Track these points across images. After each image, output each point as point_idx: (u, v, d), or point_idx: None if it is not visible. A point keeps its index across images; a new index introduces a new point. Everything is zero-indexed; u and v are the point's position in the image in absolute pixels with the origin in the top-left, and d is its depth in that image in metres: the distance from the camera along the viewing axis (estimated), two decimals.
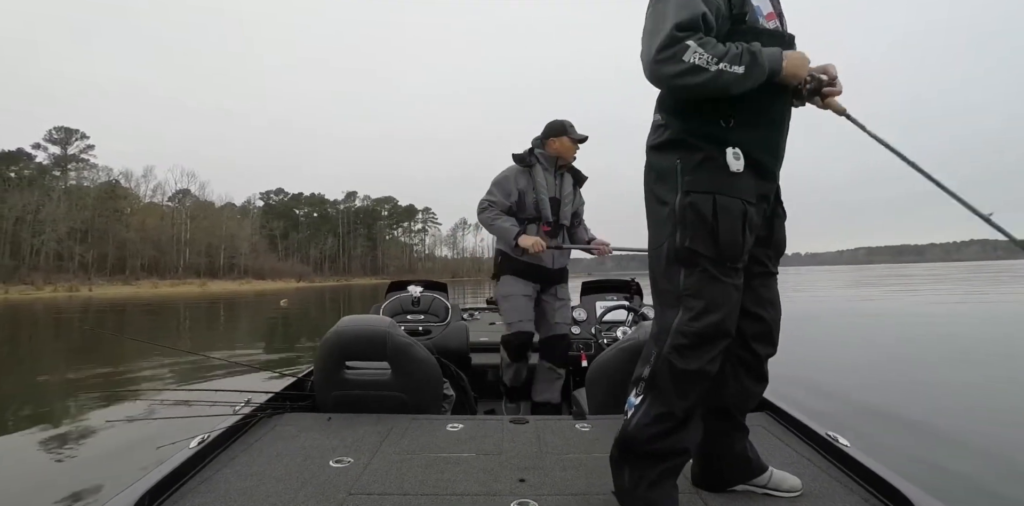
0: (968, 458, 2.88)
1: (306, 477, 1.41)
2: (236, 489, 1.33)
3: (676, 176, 1.21)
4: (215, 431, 1.62)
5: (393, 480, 1.40)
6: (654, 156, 1.28)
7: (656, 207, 1.26)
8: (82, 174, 57.96)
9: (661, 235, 1.24)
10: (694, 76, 1.11)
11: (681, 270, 1.20)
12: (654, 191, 1.27)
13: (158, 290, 43.54)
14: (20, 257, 45.29)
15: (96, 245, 49.96)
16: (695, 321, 1.17)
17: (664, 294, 1.24)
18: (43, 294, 36.36)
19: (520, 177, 2.71)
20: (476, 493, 1.33)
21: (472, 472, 1.46)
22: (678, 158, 1.22)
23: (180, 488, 1.33)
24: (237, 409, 1.86)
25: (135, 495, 1.18)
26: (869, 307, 13.67)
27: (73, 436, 3.44)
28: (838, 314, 11.64)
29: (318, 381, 2.07)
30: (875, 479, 1.31)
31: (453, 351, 2.73)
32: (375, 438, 1.71)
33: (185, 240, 59.68)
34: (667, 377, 1.18)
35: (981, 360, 5.86)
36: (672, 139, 1.24)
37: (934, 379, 4.95)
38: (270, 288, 48.03)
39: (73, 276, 45.08)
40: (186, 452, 1.45)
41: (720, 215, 1.17)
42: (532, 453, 1.60)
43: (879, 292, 20.01)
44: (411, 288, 3.12)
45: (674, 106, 1.26)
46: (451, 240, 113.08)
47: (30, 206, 47.11)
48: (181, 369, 5.91)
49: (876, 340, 7.71)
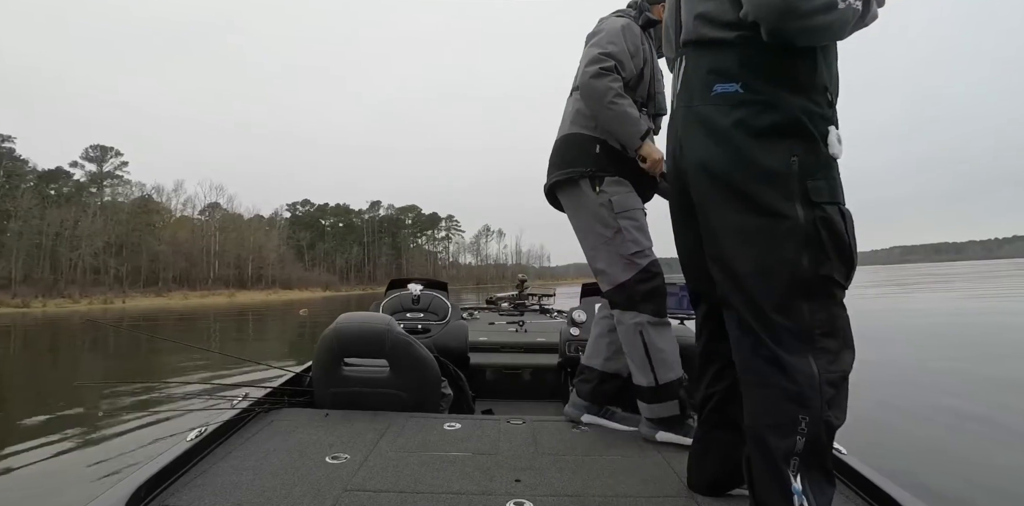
0: None
1: (302, 473, 1.40)
2: (232, 483, 1.33)
3: (792, 179, 0.96)
4: (212, 424, 1.62)
5: (389, 477, 1.39)
6: (754, 145, 0.97)
7: (751, 218, 0.97)
8: (116, 190, 59.88)
9: (769, 255, 0.96)
10: (827, 14, 0.88)
11: (806, 303, 0.97)
12: (751, 193, 0.97)
13: (188, 301, 44.60)
14: (59, 271, 46.92)
15: (130, 258, 51.49)
16: (836, 365, 0.97)
17: (781, 332, 0.96)
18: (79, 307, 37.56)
19: (644, 40, 1.84)
20: (472, 492, 1.32)
21: (468, 471, 1.44)
22: (794, 153, 0.96)
23: (176, 480, 1.32)
24: (235, 403, 1.87)
25: (131, 487, 1.18)
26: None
27: (71, 429, 3.50)
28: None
29: (316, 377, 2.07)
30: (870, 487, 1.29)
31: (452, 350, 2.70)
32: (372, 435, 1.70)
33: (215, 252, 61.10)
34: (826, 440, 0.97)
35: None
36: (781, 122, 0.96)
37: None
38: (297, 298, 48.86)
39: (108, 289, 46.46)
40: (183, 445, 1.45)
41: (851, 230, 0.97)
42: (528, 453, 1.59)
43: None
44: (411, 286, 3.11)
45: (773, 70, 0.98)
46: (474, 247, 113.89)
47: (68, 222, 48.83)
48: (181, 363, 6.00)
49: None
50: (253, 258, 63.80)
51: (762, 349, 0.98)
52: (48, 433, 3.68)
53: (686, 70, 1.09)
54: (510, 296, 6.60)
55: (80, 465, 3.06)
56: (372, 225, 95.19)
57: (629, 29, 1.80)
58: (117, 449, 3.19)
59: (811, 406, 0.94)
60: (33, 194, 49.54)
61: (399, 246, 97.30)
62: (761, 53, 0.97)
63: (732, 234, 1.00)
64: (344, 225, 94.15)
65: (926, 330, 8.73)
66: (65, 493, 2.57)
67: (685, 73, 1.09)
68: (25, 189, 49.83)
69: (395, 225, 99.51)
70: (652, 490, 1.35)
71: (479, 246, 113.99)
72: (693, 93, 1.05)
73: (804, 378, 0.95)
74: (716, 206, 1.01)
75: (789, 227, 0.95)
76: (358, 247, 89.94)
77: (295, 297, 50.85)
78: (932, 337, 7.84)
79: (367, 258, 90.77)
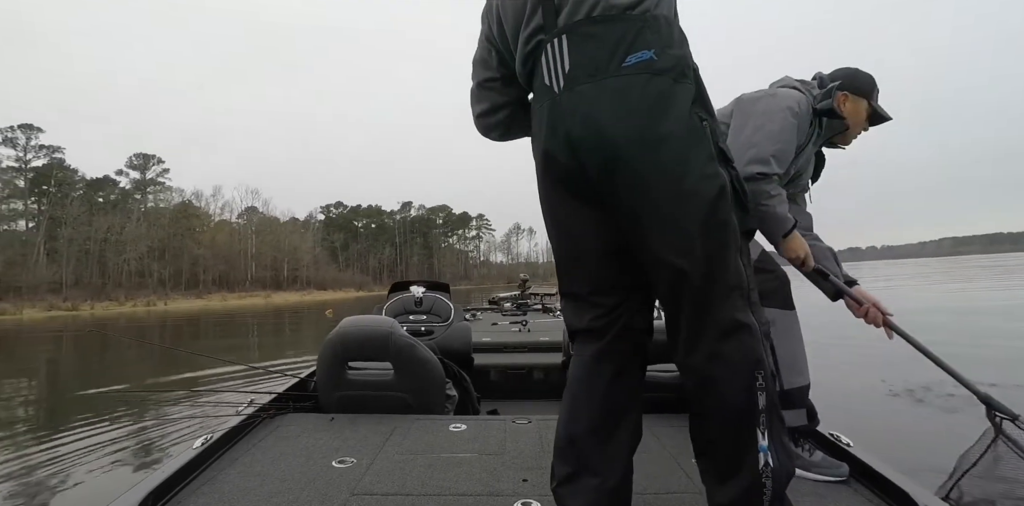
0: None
1: (309, 477, 1.41)
2: (239, 489, 1.34)
3: (709, 141, 1.01)
4: (218, 431, 1.64)
5: (396, 480, 1.40)
6: (676, 112, 0.98)
7: (690, 182, 0.97)
8: (158, 196, 62.03)
9: (712, 217, 0.97)
10: None
11: (742, 259, 1.02)
12: (687, 158, 0.97)
13: (227, 303, 45.80)
14: (106, 275, 48.92)
15: (172, 262, 53.29)
16: (761, 316, 1.05)
17: (731, 293, 0.99)
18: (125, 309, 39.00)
19: (802, 132, 1.60)
20: (479, 493, 1.32)
21: (475, 472, 1.45)
22: (703, 117, 1.02)
23: (184, 488, 1.34)
24: (240, 410, 1.89)
25: (139, 495, 1.20)
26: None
27: (73, 436, 3.52)
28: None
29: (321, 381, 2.08)
30: (880, 479, 1.30)
31: (456, 351, 2.70)
32: (378, 438, 1.71)
33: (251, 254, 62.70)
34: (774, 390, 1.02)
35: None
36: (689, 87, 1.02)
37: None
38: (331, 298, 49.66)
39: (152, 292, 48.15)
40: (190, 452, 1.47)
41: None
42: (535, 453, 1.59)
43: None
44: (413, 288, 3.14)
45: (671, 36, 1.03)
46: (505, 246, 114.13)
47: (115, 228, 50.84)
48: (185, 369, 6.07)
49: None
50: (288, 260, 65.23)
51: (716, 315, 0.97)
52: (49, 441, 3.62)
53: (574, 47, 1.03)
54: (513, 296, 6.61)
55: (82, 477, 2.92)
56: (404, 226, 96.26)
57: (801, 116, 1.57)
58: (125, 459, 3.16)
59: (762, 360, 0.98)
60: (82, 202, 51.79)
61: (431, 246, 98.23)
62: (659, 20, 1.01)
63: (675, 201, 0.97)
64: (376, 226, 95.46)
65: None
66: None
67: (574, 50, 1.03)
68: (75, 197, 52.12)
69: (426, 225, 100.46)
70: (659, 486, 1.36)
71: (510, 244, 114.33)
72: (597, 67, 1.00)
73: (753, 336, 0.98)
74: (652, 176, 0.97)
75: (721, 186, 0.98)
76: (390, 248, 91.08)
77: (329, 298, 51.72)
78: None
79: (399, 258, 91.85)
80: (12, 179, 51.06)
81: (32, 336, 16.01)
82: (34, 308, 35.61)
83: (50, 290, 42.20)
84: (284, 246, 65.41)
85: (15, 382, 6.70)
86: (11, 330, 19.34)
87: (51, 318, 29.69)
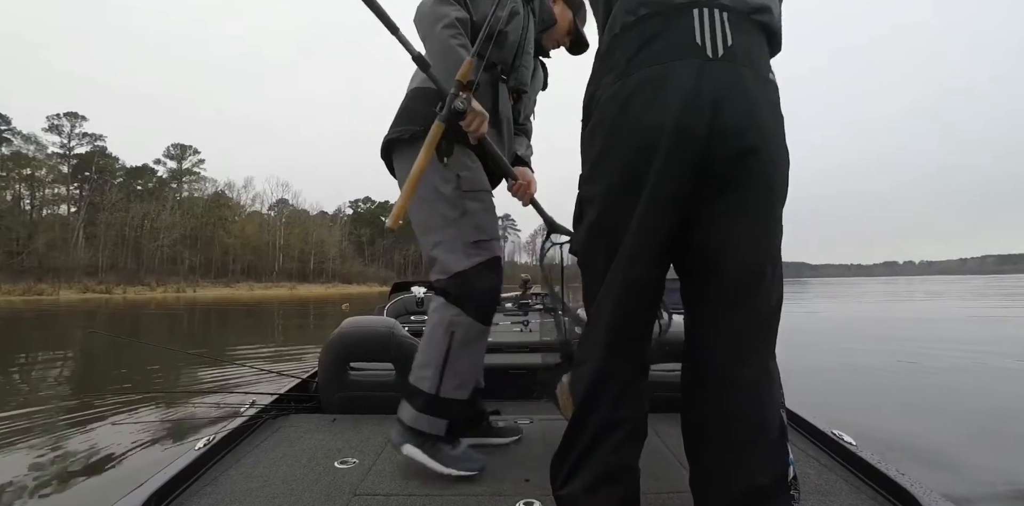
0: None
1: (311, 478, 1.41)
2: (241, 491, 1.34)
3: None
4: (220, 433, 1.64)
5: (398, 481, 1.40)
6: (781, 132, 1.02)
7: (778, 197, 0.99)
8: (193, 186, 63.73)
9: (775, 231, 0.99)
10: None
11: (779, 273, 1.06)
12: (782, 176, 1.00)
13: (253, 292, 46.89)
14: (140, 261, 50.49)
15: (203, 250, 54.79)
16: None
17: (764, 308, 0.98)
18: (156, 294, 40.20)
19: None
20: (481, 493, 1.33)
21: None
22: None
23: (186, 490, 1.34)
24: (242, 411, 1.89)
25: (141, 497, 1.20)
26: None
27: (75, 439, 3.41)
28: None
29: (323, 382, 2.07)
30: (881, 477, 1.31)
31: None
32: (380, 439, 1.72)
33: (279, 246, 63.96)
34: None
35: None
36: None
37: None
38: (355, 291, 50.41)
39: (182, 278, 49.56)
40: (192, 454, 1.47)
41: None
42: (537, 453, 1.60)
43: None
44: (415, 289, 3.14)
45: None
46: (530, 246, 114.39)
47: (150, 215, 52.48)
48: (187, 371, 6.06)
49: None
50: (315, 252, 66.44)
51: (774, 327, 0.98)
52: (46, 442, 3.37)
53: (736, 29, 0.95)
54: (514, 296, 6.57)
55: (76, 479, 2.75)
56: None
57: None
58: (126, 461, 3.05)
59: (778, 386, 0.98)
60: (121, 188, 53.56)
61: None
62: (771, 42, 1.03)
63: (772, 211, 0.98)
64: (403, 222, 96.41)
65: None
66: None
67: (736, 32, 0.95)
68: (114, 184, 53.90)
69: None
70: (661, 486, 1.35)
71: (535, 245, 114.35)
72: (752, 60, 0.96)
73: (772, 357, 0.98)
74: (775, 181, 0.98)
75: (782, 204, 1.01)
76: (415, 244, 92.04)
77: (352, 291, 52.48)
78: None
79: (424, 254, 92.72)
80: (56, 165, 53.09)
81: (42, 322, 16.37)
82: (71, 289, 36.95)
83: (86, 273, 43.73)
84: (312, 239, 66.77)
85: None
86: (46, 310, 19.84)
87: (85, 300, 30.68)
